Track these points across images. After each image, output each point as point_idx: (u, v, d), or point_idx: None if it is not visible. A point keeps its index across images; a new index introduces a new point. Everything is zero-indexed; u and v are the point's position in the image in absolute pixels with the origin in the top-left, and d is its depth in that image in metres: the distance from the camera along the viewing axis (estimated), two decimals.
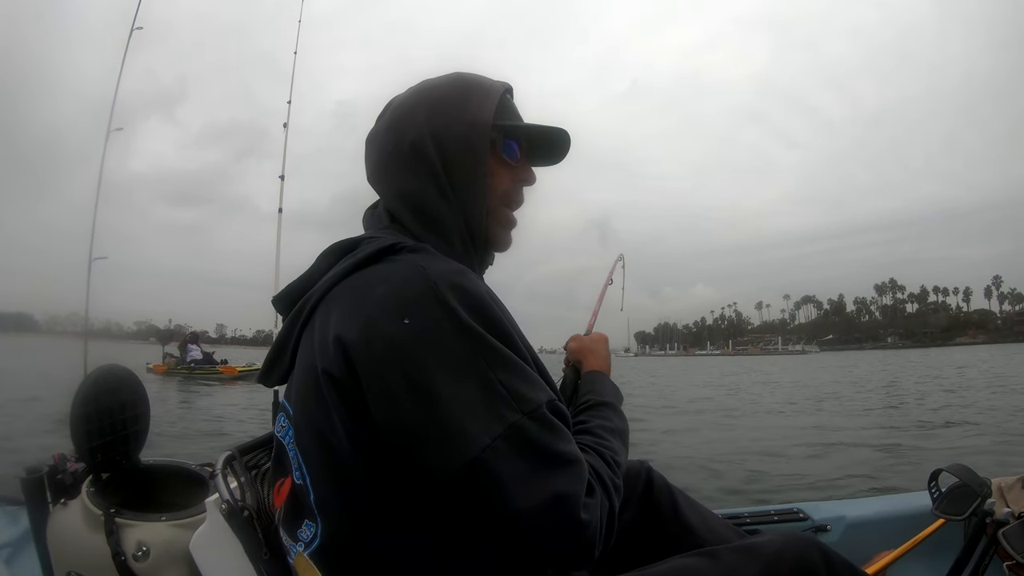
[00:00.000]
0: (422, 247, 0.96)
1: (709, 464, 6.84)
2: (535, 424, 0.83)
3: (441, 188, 1.04)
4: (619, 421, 1.12)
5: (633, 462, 1.45)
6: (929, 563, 1.77)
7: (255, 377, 1.31)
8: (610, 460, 0.97)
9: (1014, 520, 1.50)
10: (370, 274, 0.92)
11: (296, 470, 0.94)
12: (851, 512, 2.12)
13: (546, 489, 0.81)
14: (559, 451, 0.84)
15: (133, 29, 8.34)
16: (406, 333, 0.83)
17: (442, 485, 0.82)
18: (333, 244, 1.05)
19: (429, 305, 0.84)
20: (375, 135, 1.11)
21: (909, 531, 1.83)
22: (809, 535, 1.07)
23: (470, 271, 0.94)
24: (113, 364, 1.58)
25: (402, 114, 1.08)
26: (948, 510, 1.67)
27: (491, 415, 0.81)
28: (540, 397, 0.86)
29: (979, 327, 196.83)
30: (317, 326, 0.93)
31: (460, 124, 1.05)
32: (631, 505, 1.37)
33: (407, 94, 1.12)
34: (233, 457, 1.20)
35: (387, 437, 0.83)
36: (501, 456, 0.80)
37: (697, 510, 1.42)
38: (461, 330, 0.84)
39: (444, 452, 0.80)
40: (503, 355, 0.86)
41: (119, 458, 1.50)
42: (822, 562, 1.01)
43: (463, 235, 1.06)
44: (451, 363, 0.83)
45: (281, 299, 1.07)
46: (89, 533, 1.35)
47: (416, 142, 1.04)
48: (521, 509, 0.80)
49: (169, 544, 1.34)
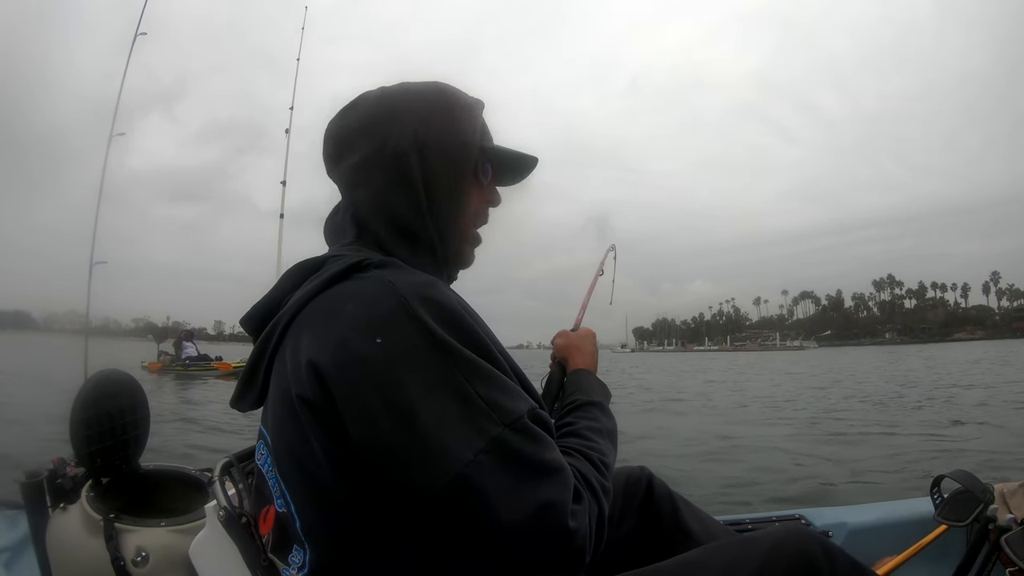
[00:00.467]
0: (390, 262, 0.93)
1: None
2: (517, 435, 0.82)
3: (419, 202, 1.01)
4: (607, 420, 1.11)
5: (633, 468, 1.45)
6: (931, 569, 1.77)
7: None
8: (597, 462, 0.96)
9: (1017, 526, 1.49)
10: (338, 293, 0.90)
11: (279, 498, 0.92)
12: (853, 518, 2.12)
13: (532, 500, 0.80)
14: (543, 460, 0.83)
15: (137, 35, 8.32)
16: (380, 353, 0.81)
17: (427, 503, 0.81)
18: (297, 264, 1.03)
19: (401, 322, 0.82)
20: (346, 131, 1.05)
21: (911, 537, 1.84)
22: (809, 529, 1.07)
23: (440, 282, 0.92)
24: (113, 368, 1.58)
25: (384, 117, 1.04)
26: (950, 516, 1.67)
27: (472, 429, 0.80)
28: (520, 407, 0.85)
29: (977, 323, 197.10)
30: (288, 350, 0.90)
31: (448, 141, 1.03)
32: (632, 512, 1.37)
33: (388, 96, 1.07)
34: (231, 464, 1.19)
35: (368, 459, 0.81)
36: (485, 470, 0.79)
37: (698, 516, 1.41)
38: (435, 345, 0.82)
39: (427, 471, 0.79)
40: (480, 367, 0.84)
41: (119, 463, 1.50)
42: (822, 553, 1.00)
43: (435, 251, 1.04)
44: (428, 380, 0.81)
45: (249, 320, 1.05)
46: (88, 538, 1.35)
47: (399, 151, 1.01)
48: (507, 522, 0.79)
49: (168, 550, 1.34)
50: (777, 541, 1.02)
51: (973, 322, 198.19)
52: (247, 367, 1.00)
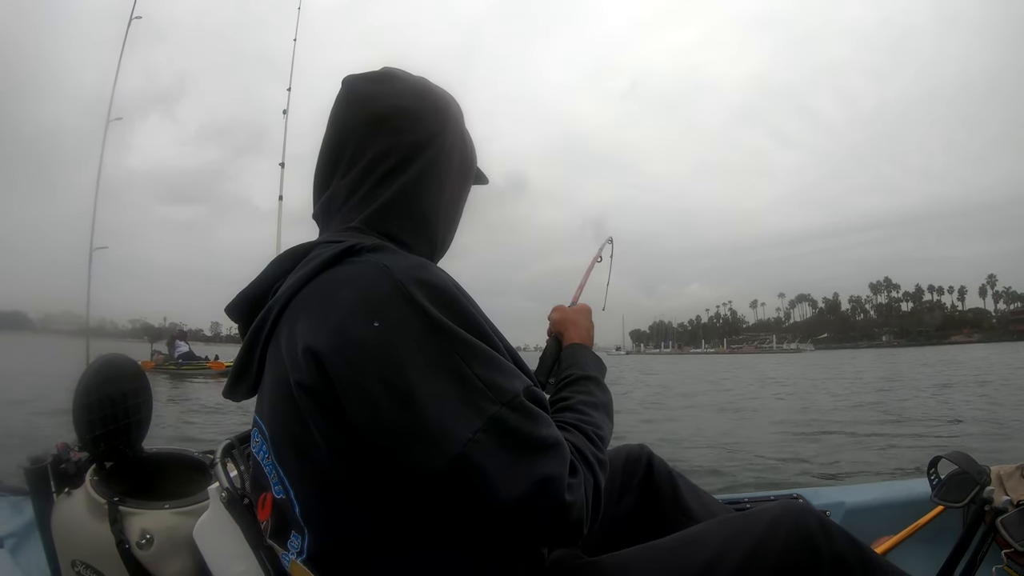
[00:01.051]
0: (382, 246, 0.95)
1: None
2: (514, 413, 0.83)
3: (441, 196, 1.08)
4: (602, 394, 1.12)
5: (633, 447, 1.46)
6: (928, 550, 1.78)
7: None
8: (593, 436, 0.97)
9: (1012, 508, 1.51)
10: (332, 278, 0.91)
11: (276, 484, 0.93)
12: (850, 498, 2.13)
13: (530, 475, 0.81)
14: (540, 436, 0.85)
15: (132, 18, 8.32)
16: (377, 336, 0.82)
17: (427, 483, 0.82)
18: (287, 250, 1.04)
19: (397, 305, 0.84)
20: (392, 110, 1.05)
21: (908, 518, 1.85)
22: (806, 504, 1.07)
23: (432, 264, 0.94)
24: (115, 353, 1.58)
25: (432, 109, 1.08)
26: (947, 497, 1.68)
27: (470, 409, 0.81)
28: (516, 386, 0.87)
29: (974, 326, 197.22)
30: (283, 337, 0.90)
31: (466, 142, 1.13)
32: (632, 490, 1.38)
33: (430, 88, 1.11)
34: (232, 446, 1.20)
35: (369, 442, 0.82)
36: (483, 448, 0.80)
37: (698, 495, 1.42)
38: (432, 326, 0.84)
39: (428, 451, 0.80)
40: (476, 347, 0.86)
41: (122, 447, 1.50)
42: (819, 529, 1.01)
43: (435, 242, 1.10)
44: (426, 361, 0.82)
45: (235, 307, 1.05)
46: (93, 522, 1.35)
47: (446, 146, 1.07)
48: (507, 498, 0.80)
49: (172, 531, 1.34)
50: (774, 517, 1.02)
51: (970, 325, 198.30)
52: (240, 356, 1.01)
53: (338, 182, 1.05)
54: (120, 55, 8.55)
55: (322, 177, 1.08)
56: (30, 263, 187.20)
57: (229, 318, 1.08)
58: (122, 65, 8.81)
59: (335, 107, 1.09)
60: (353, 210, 1.03)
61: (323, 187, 1.08)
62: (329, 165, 1.07)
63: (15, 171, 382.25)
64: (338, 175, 1.06)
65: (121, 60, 8.68)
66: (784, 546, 0.98)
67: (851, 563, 1.01)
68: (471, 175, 1.17)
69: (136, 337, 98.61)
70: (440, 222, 1.10)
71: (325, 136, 1.09)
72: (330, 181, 1.07)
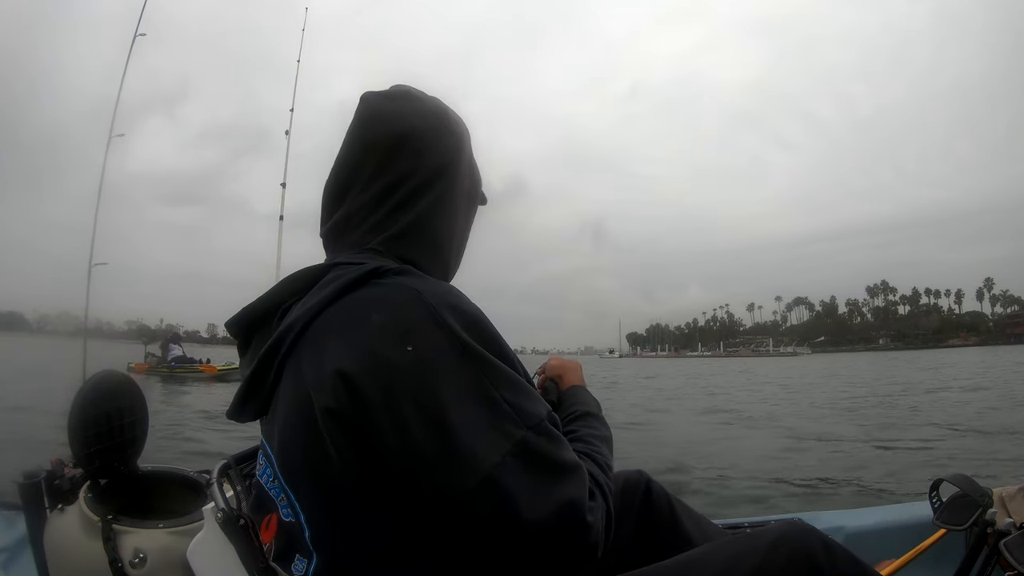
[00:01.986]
0: (407, 269, 0.95)
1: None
2: (540, 437, 0.85)
3: (456, 220, 1.10)
4: (604, 429, 1.14)
5: (632, 472, 1.46)
6: (930, 574, 1.77)
7: (235, 376, 1.31)
8: (603, 464, 0.99)
9: (1015, 530, 1.49)
10: (359, 300, 0.90)
11: (285, 507, 0.92)
12: (851, 522, 2.13)
13: (555, 498, 0.83)
14: (562, 460, 0.86)
15: (136, 35, 8.33)
16: (411, 360, 0.82)
17: (455, 506, 0.82)
18: (299, 271, 1.03)
19: (430, 330, 0.84)
20: (414, 132, 1.05)
21: (910, 541, 1.84)
22: (808, 525, 1.07)
23: (458, 289, 0.94)
24: (112, 369, 1.58)
25: (450, 132, 1.09)
26: (949, 520, 1.67)
27: (499, 433, 0.82)
28: (541, 410, 0.88)
29: (971, 329, 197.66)
30: (305, 359, 0.89)
31: (474, 166, 1.14)
32: (630, 516, 1.38)
33: (448, 112, 1.11)
34: (229, 466, 1.20)
35: (398, 465, 0.82)
36: (510, 471, 0.81)
37: (696, 520, 1.42)
38: (464, 352, 0.84)
39: (457, 473, 0.80)
40: (503, 372, 0.87)
41: (117, 464, 1.50)
42: (822, 548, 1.01)
43: (448, 265, 1.11)
44: (457, 386, 0.83)
45: (235, 323, 1.05)
46: (86, 539, 1.35)
47: (462, 172, 1.09)
48: (533, 520, 0.81)
49: (166, 551, 1.34)
50: (777, 537, 1.03)
51: (967, 328, 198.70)
52: (250, 375, 0.98)
53: (353, 201, 1.04)
54: (124, 72, 8.56)
55: (336, 193, 1.07)
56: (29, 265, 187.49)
57: (229, 333, 1.08)
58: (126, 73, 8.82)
59: (354, 124, 1.08)
60: (371, 232, 1.03)
61: (336, 203, 1.07)
62: (345, 182, 1.06)
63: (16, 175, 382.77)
64: (353, 193, 1.04)
65: (124, 77, 8.69)
66: (787, 567, 0.99)
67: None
68: (478, 198, 1.18)
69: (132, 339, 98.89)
70: (453, 247, 1.11)
71: (341, 152, 1.08)
72: (343, 198, 1.05)
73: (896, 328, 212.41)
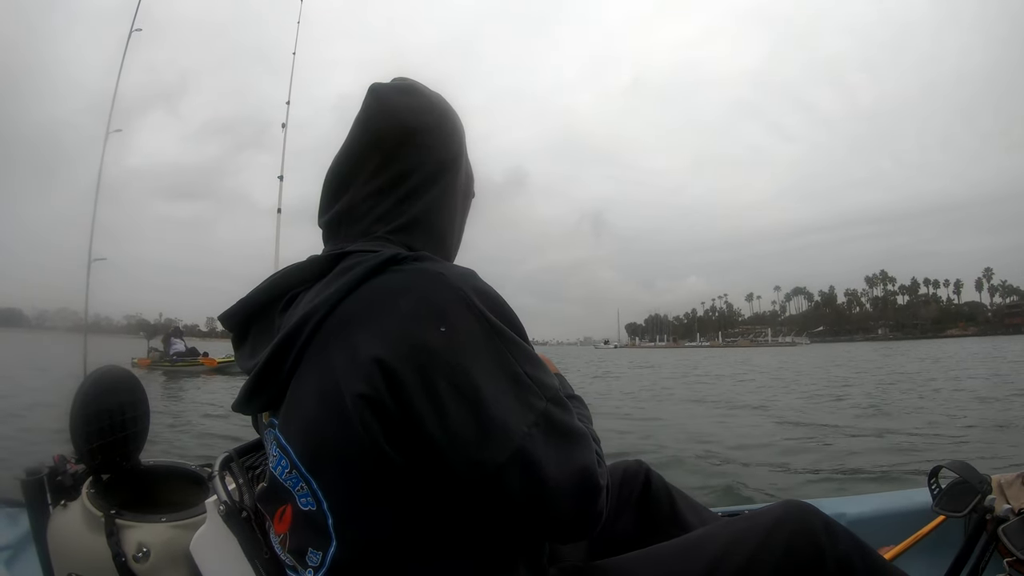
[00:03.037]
0: (423, 255, 0.96)
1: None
2: (556, 407, 0.90)
3: (455, 212, 1.12)
4: (587, 411, 1.15)
5: (631, 463, 1.47)
6: (929, 560, 1.78)
7: (234, 368, 1.31)
8: (596, 437, 1.01)
9: (1014, 517, 1.50)
10: (382, 287, 0.90)
11: (303, 496, 0.92)
12: (851, 509, 2.14)
13: (572, 462, 0.87)
14: (575, 427, 0.91)
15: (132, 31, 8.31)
16: (444, 342, 0.84)
17: (485, 481, 0.84)
18: (302, 261, 1.04)
19: (460, 311, 0.87)
20: (423, 126, 1.06)
21: (909, 528, 1.85)
22: (809, 504, 1.08)
23: (476, 272, 0.96)
24: (113, 365, 1.57)
25: (454, 126, 1.11)
26: (948, 507, 1.68)
27: (524, 406, 0.86)
28: (554, 382, 0.93)
29: (969, 319, 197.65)
30: (331, 347, 0.88)
31: (469, 163, 1.17)
32: (629, 506, 1.38)
33: (448, 107, 1.12)
34: (231, 459, 1.20)
35: (436, 447, 0.83)
36: (536, 441, 0.85)
37: (696, 510, 1.43)
38: (491, 331, 0.88)
39: (491, 448, 0.83)
40: (524, 349, 0.91)
41: (119, 459, 1.49)
42: (823, 528, 1.02)
43: (449, 258, 1.13)
44: (489, 363, 0.86)
45: (231, 316, 1.05)
46: (89, 534, 1.35)
47: (450, 166, 1.09)
48: (556, 484, 0.85)
49: (169, 545, 1.33)
50: (778, 517, 1.04)
51: (966, 318, 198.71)
52: (261, 366, 0.95)
53: (359, 190, 1.05)
54: (120, 66, 8.53)
55: (339, 182, 1.07)
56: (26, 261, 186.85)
57: (224, 326, 1.08)
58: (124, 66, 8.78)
59: (362, 114, 1.08)
60: (378, 221, 1.04)
61: (340, 192, 1.07)
62: (350, 172, 1.06)
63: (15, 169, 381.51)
64: (358, 183, 1.05)
65: (121, 73, 8.66)
66: (788, 546, 1.00)
67: (856, 564, 1.01)
68: (471, 192, 1.20)
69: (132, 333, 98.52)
70: (454, 239, 1.14)
71: (347, 142, 1.08)
72: (348, 187, 1.06)
73: (895, 318, 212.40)
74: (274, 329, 1.00)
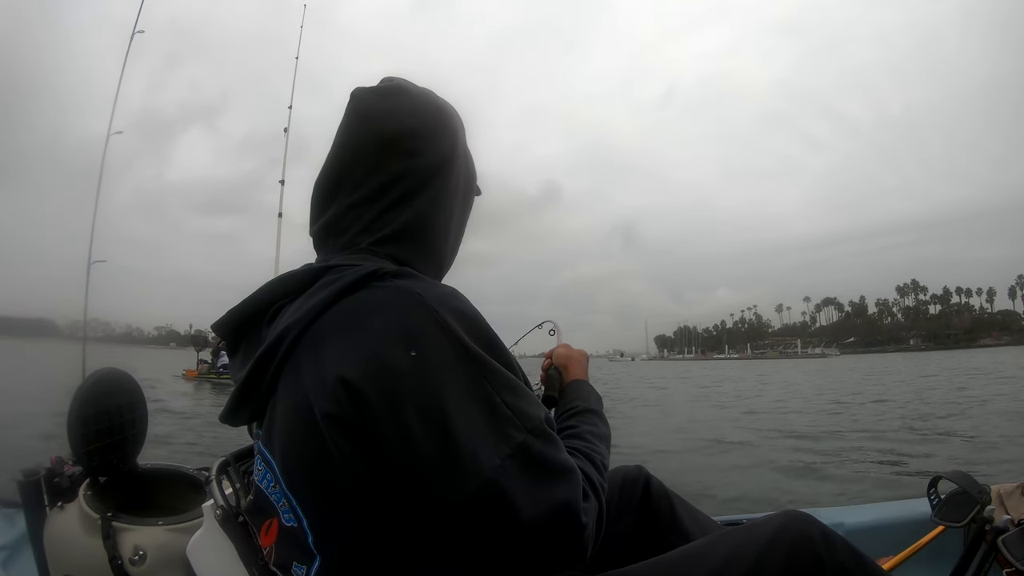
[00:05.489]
0: (406, 271, 0.93)
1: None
2: (537, 440, 0.86)
3: (451, 216, 1.08)
4: (604, 427, 1.14)
5: (631, 468, 1.45)
6: (928, 570, 1.75)
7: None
8: (599, 464, 0.99)
9: (1013, 527, 1.48)
10: (359, 303, 0.88)
11: (286, 512, 0.91)
12: (850, 519, 2.12)
13: (551, 499, 0.83)
14: (558, 462, 0.87)
15: (134, 32, 8.42)
16: (414, 366, 0.82)
17: (456, 509, 0.82)
18: (287, 272, 1.02)
19: (434, 334, 0.84)
20: (408, 129, 1.03)
21: (908, 538, 1.83)
22: (807, 514, 1.06)
23: (459, 292, 0.93)
24: (111, 367, 1.58)
25: (444, 127, 1.07)
26: (947, 517, 1.65)
27: (499, 436, 0.83)
28: (539, 413, 0.88)
29: (1003, 328, 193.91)
30: (304, 364, 0.87)
31: (469, 158, 1.13)
32: (629, 511, 1.37)
33: (440, 105, 1.10)
34: (228, 463, 1.20)
35: (402, 471, 0.82)
36: (510, 474, 0.82)
37: (695, 516, 1.41)
38: (466, 356, 0.85)
39: (459, 477, 0.80)
40: (504, 376, 0.87)
41: (116, 461, 1.51)
42: (821, 538, 1.00)
43: (442, 265, 1.11)
44: (460, 390, 0.83)
45: (223, 325, 1.04)
46: (86, 536, 1.36)
47: (458, 168, 1.08)
48: (529, 519, 0.82)
49: (165, 548, 1.34)
50: (777, 527, 1.02)
51: (999, 327, 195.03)
52: (244, 380, 0.95)
53: (344, 201, 1.03)
54: (122, 68, 8.65)
55: (326, 193, 1.05)
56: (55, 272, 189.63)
57: (216, 335, 1.08)
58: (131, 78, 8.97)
59: (344, 122, 1.06)
60: (362, 232, 1.01)
61: (327, 203, 1.05)
62: (335, 182, 1.04)
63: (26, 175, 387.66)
64: (344, 193, 1.03)
65: (123, 75, 8.78)
66: (787, 556, 0.98)
67: (852, 575, 1.00)
68: (473, 191, 1.16)
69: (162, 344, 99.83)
70: (448, 245, 1.10)
71: (332, 151, 1.06)
72: (334, 198, 1.04)
73: (927, 328, 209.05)
74: (261, 340, 0.98)
